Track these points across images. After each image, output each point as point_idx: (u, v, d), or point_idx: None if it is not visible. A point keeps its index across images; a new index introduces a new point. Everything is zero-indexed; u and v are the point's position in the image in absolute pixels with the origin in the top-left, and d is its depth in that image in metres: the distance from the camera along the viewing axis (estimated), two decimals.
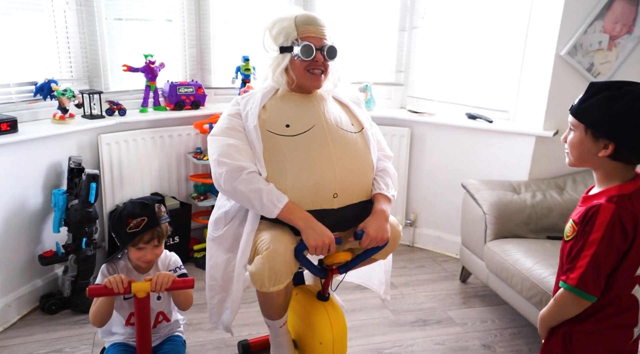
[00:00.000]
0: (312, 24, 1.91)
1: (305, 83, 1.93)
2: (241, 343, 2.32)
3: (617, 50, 2.78)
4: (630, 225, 1.26)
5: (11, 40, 2.59)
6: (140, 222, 1.72)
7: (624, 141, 1.26)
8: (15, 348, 2.33)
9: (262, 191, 1.75)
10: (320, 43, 1.90)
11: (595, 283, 1.28)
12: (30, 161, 2.53)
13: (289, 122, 1.87)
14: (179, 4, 3.18)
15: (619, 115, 1.25)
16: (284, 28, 1.90)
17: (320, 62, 1.91)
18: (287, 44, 1.90)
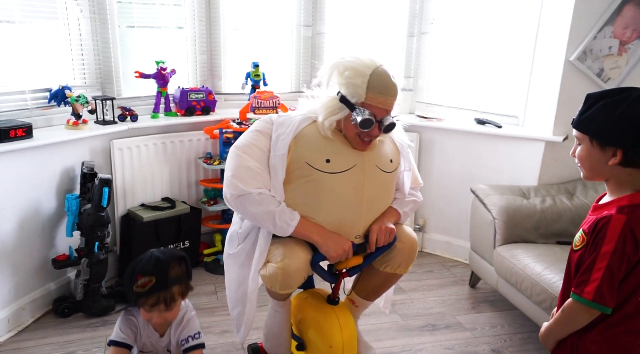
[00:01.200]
0: (384, 93, 1.75)
1: (353, 145, 1.86)
2: (251, 346, 2.32)
3: (628, 55, 2.77)
4: None
5: (26, 48, 2.61)
6: (146, 283, 1.59)
7: (630, 145, 1.25)
8: (29, 350, 2.35)
9: (274, 212, 1.75)
10: (382, 115, 1.79)
11: (611, 295, 1.27)
12: (45, 166, 2.56)
13: (329, 157, 1.81)
14: (190, 11, 3.20)
15: (620, 120, 1.25)
16: (355, 85, 1.75)
17: (375, 134, 1.82)
18: (351, 100, 1.77)
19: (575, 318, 1.34)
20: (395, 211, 1.97)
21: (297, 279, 1.78)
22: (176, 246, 3.04)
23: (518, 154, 3.01)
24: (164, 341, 1.80)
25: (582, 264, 1.32)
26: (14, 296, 2.49)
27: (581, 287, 1.29)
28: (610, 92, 1.29)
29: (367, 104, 1.75)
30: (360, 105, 1.76)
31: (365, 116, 1.73)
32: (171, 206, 3.02)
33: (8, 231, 2.42)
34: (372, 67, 1.75)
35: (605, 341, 1.34)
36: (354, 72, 1.75)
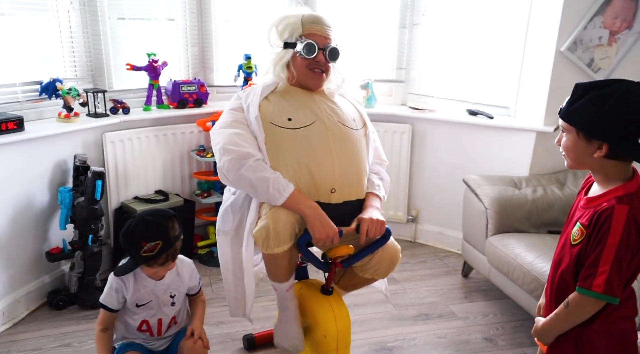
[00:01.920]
0: (318, 22, 1.94)
1: (306, 81, 1.97)
2: (246, 336, 2.35)
3: (617, 45, 2.79)
4: None
5: (16, 40, 2.61)
6: (154, 247, 1.68)
7: (616, 140, 1.26)
8: (24, 342, 2.37)
9: (269, 179, 1.78)
10: (324, 42, 1.93)
11: (620, 285, 1.28)
12: (37, 159, 2.56)
13: (290, 115, 1.90)
14: (181, 3, 3.20)
15: (608, 115, 1.25)
16: (290, 24, 1.93)
17: (321, 62, 1.94)
18: (292, 40, 1.93)
19: (582, 311, 1.33)
20: (377, 196, 1.99)
21: (286, 231, 1.79)
22: None
23: (509, 144, 3.04)
24: (164, 283, 1.83)
25: (584, 258, 1.32)
26: (8, 289, 2.50)
27: (589, 281, 1.29)
28: (599, 84, 1.28)
29: (307, 35, 1.92)
30: (300, 38, 1.92)
31: (307, 41, 1.90)
32: (165, 199, 3.03)
33: (1, 225, 2.42)
34: (304, 11, 1.98)
35: (606, 329, 1.35)
36: (287, 19, 1.96)
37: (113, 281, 1.77)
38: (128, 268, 1.76)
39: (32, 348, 2.32)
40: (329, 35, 1.95)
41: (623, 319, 1.37)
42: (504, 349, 2.37)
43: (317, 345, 1.99)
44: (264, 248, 1.81)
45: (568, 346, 1.39)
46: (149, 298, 1.80)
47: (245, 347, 2.34)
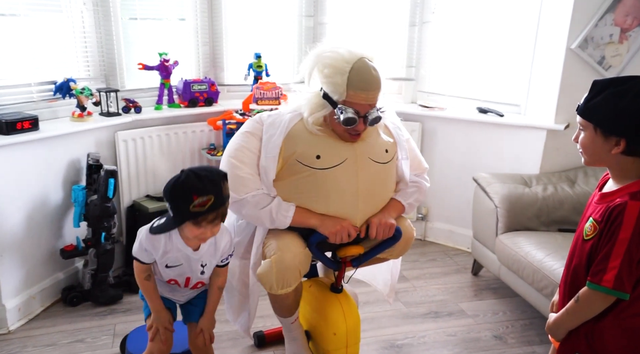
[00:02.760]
0: (365, 88, 1.74)
1: (342, 138, 1.85)
2: (256, 334, 2.38)
3: (629, 43, 2.78)
4: None
5: (31, 41, 2.64)
6: (206, 201, 1.58)
7: (634, 135, 1.27)
8: (39, 338, 2.41)
9: (271, 208, 1.78)
10: (366, 110, 1.77)
11: (630, 281, 1.29)
12: (51, 158, 2.60)
13: (320, 153, 1.81)
14: (192, 3, 3.23)
15: (626, 111, 1.26)
16: (335, 84, 1.74)
17: (361, 129, 1.80)
18: (333, 97, 1.77)
19: (592, 307, 1.34)
20: (399, 203, 1.97)
21: (291, 274, 1.79)
22: None
23: (520, 142, 3.04)
24: (198, 255, 1.77)
25: (595, 253, 1.32)
26: (23, 286, 2.55)
27: (599, 276, 1.30)
28: (617, 81, 1.29)
29: (349, 102, 1.74)
30: (343, 103, 1.74)
31: (348, 115, 1.73)
32: None
33: (17, 222, 2.46)
34: (351, 62, 1.73)
35: (618, 325, 1.35)
36: (333, 70, 1.74)
37: (143, 240, 1.71)
38: (166, 227, 1.68)
39: (46, 344, 2.36)
40: (375, 101, 1.78)
41: (636, 315, 1.36)
42: (514, 347, 2.38)
43: (326, 343, 2.01)
44: (267, 289, 1.82)
45: (579, 341, 1.40)
46: (179, 262, 1.75)
47: (255, 344, 2.36)
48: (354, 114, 1.74)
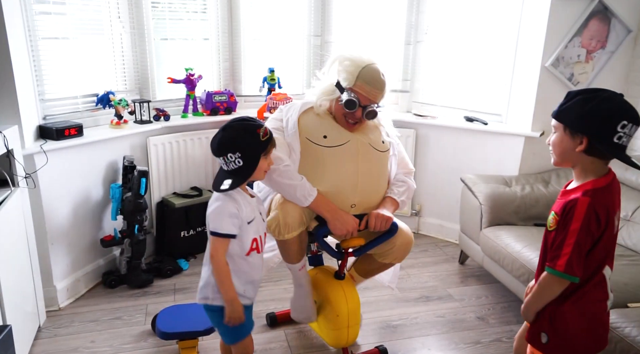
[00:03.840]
0: (371, 83, 1.85)
1: (340, 123, 1.95)
2: (269, 314, 2.42)
3: (593, 62, 2.84)
4: (603, 215, 1.31)
5: (77, 60, 2.71)
6: (266, 131, 1.60)
7: (594, 134, 1.31)
8: (84, 315, 2.51)
9: (296, 186, 1.82)
10: (366, 102, 1.87)
11: (579, 266, 1.33)
12: (93, 160, 2.66)
13: (326, 133, 1.91)
14: (214, 25, 3.27)
15: (590, 113, 1.30)
16: (349, 72, 1.86)
17: (357, 116, 1.89)
18: (343, 84, 1.88)
19: (550, 289, 1.38)
20: (394, 200, 2.02)
21: (294, 221, 1.85)
22: (203, 229, 3.13)
23: (501, 147, 3.06)
24: (255, 202, 1.73)
25: (556, 242, 1.37)
26: (71, 270, 2.63)
27: (554, 261, 1.35)
28: (586, 90, 1.36)
29: (355, 90, 1.86)
30: (349, 89, 1.86)
31: (350, 97, 1.84)
32: (199, 194, 3.11)
33: (65, 216, 2.54)
34: (368, 62, 1.87)
35: (578, 309, 1.40)
36: (352, 63, 1.87)
37: (226, 206, 1.59)
38: (245, 175, 1.60)
39: (90, 320, 2.45)
40: (376, 99, 1.88)
41: (594, 302, 1.41)
42: (494, 326, 2.43)
43: (330, 323, 2.06)
44: (275, 235, 1.88)
45: (545, 322, 1.44)
46: (253, 215, 1.68)
47: (267, 324, 2.42)
48: (356, 98, 1.85)
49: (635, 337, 1.73)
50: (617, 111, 1.30)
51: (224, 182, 1.58)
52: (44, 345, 2.27)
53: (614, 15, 2.78)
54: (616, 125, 1.29)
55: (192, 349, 2.13)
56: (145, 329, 2.39)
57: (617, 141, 1.30)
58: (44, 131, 2.49)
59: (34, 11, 2.44)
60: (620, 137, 1.30)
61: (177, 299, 2.66)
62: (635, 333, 1.74)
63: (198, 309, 2.16)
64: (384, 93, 1.91)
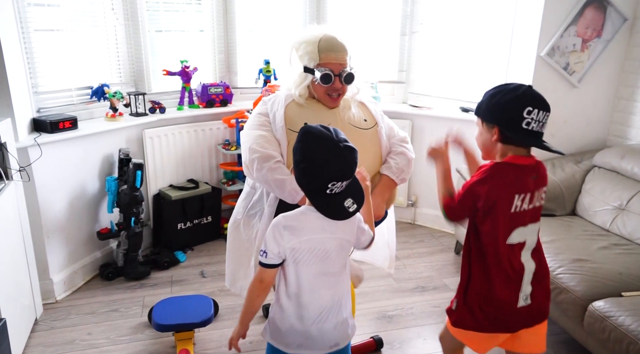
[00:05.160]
0: (333, 50, 1.85)
1: (325, 103, 1.94)
2: (265, 306, 2.42)
3: (589, 51, 2.82)
4: (490, 180, 1.41)
5: (71, 52, 2.70)
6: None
7: (503, 123, 1.40)
8: (81, 307, 2.51)
9: (286, 181, 1.79)
10: (339, 69, 1.86)
11: (459, 211, 1.47)
12: (88, 153, 2.66)
13: (307, 121, 1.87)
14: (209, 17, 3.26)
15: (497, 103, 1.41)
16: (308, 52, 1.87)
17: (338, 87, 1.88)
18: (310, 66, 1.87)
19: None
20: (392, 181, 1.96)
21: None
22: (200, 221, 3.14)
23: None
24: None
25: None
26: (68, 262, 2.63)
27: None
28: (496, 86, 1.45)
29: (323, 64, 1.85)
30: (318, 66, 1.86)
31: (323, 71, 1.84)
32: (195, 187, 3.11)
33: (60, 209, 2.54)
34: (320, 34, 1.87)
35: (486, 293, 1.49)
36: (306, 44, 1.87)
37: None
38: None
39: (87, 312, 2.45)
40: (345, 61, 1.87)
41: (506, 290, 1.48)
42: None
43: None
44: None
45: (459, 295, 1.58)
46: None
47: (264, 315, 2.42)
48: (329, 71, 1.84)
49: (628, 326, 1.73)
50: (521, 98, 1.37)
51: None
52: (41, 338, 2.27)
53: (609, 3, 2.76)
54: (521, 111, 1.36)
55: (189, 341, 2.13)
56: (142, 321, 2.39)
57: (526, 126, 1.36)
58: (38, 124, 2.47)
59: (26, 3, 2.42)
60: (528, 122, 1.36)
61: (174, 291, 2.66)
62: (628, 321, 1.74)
63: (194, 301, 2.20)
64: (348, 53, 1.90)
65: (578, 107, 2.95)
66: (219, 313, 2.45)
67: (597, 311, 1.85)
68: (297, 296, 1.38)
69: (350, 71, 1.89)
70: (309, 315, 1.38)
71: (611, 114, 3.02)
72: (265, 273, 1.37)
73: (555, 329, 2.33)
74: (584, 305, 1.92)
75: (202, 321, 2.08)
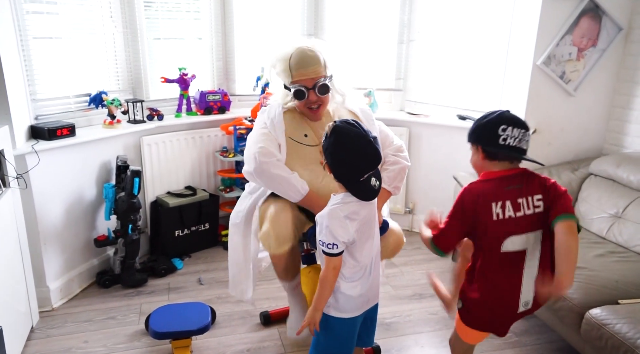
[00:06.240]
0: (303, 66, 1.88)
1: (307, 116, 1.99)
2: (262, 313, 2.42)
3: (585, 60, 2.84)
4: (469, 199, 1.52)
5: (69, 59, 2.70)
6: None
7: (483, 141, 1.54)
8: (77, 315, 2.49)
9: (290, 178, 1.84)
10: (312, 83, 1.89)
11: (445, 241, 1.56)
12: (86, 160, 2.65)
13: (306, 132, 1.95)
14: (208, 24, 3.26)
15: (477, 126, 1.56)
16: (282, 71, 1.92)
17: (314, 100, 1.92)
18: (287, 84, 1.94)
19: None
20: (385, 190, 2.00)
21: (286, 233, 1.86)
22: (197, 228, 3.14)
23: None
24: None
25: None
26: (64, 270, 2.61)
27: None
28: (483, 115, 1.59)
29: (296, 81, 1.90)
30: (292, 83, 1.91)
31: (295, 88, 1.89)
32: (193, 194, 3.11)
33: (57, 216, 2.53)
34: (291, 50, 1.90)
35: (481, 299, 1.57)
36: (279, 63, 1.92)
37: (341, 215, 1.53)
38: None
39: (84, 320, 2.43)
40: (317, 73, 1.89)
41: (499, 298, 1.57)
42: None
43: None
44: (267, 249, 1.90)
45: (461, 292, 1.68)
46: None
47: (261, 322, 2.42)
48: (301, 87, 1.89)
49: (625, 333, 1.73)
50: (496, 118, 1.53)
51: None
52: (37, 346, 2.26)
53: (604, 13, 2.78)
54: (496, 129, 1.51)
55: (186, 348, 2.12)
56: (139, 328, 2.38)
57: (502, 142, 1.51)
58: (35, 131, 2.47)
59: (25, 11, 2.43)
60: (504, 139, 1.51)
61: (172, 298, 2.65)
62: (625, 329, 1.74)
63: (191, 309, 2.20)
64: (321, 64, 1.91)
65: (574, 115, 2.97)
66: (217, 320, 2.44)
67: (594, 318, 1.85)
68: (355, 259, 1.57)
69: (323, 82, 1.91)
70: (366, 266, 1.60)
71: (607, 122, 3.04)
72: (336, 261, 1.54)
73: (552, 337, 2.33)
74: (581, 313, 1.92)
75: (199, 329, 2.08)
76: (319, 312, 1.59)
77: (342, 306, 1.60)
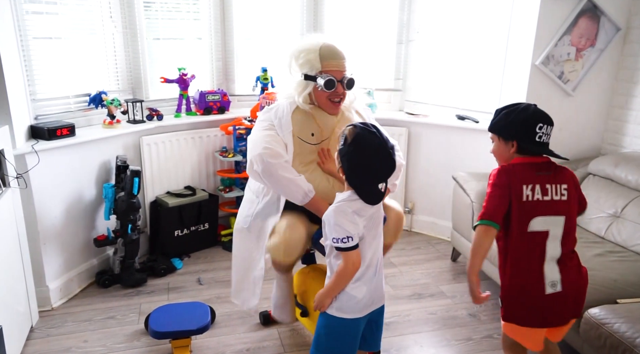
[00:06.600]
0: (334, 57, 1.93)
1: (326, 109, 1.99)
2: (262, 313, 2.42)
3: (583, 60, 2.85)
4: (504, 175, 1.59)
5: (69, 59, 2.70)
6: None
7: (521, 138, 1.60)
8: (77, 314, 2.49)
9: (297, 180, 1.85)
10: (340, 75, 1.94)
11: (496, 213, 1.56)
12: (85, 160, 2.66)
13: (313, 131, 1.97)
14: (207, 25, 3.27)
15: (513, 122, 1.61)
16: (309, 60, 1.93)
17: (340, 92, 1.95)
18: (312, 73, 1.94)
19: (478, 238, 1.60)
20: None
21: (298, 247, 1.88)
22: (197, 228, 3.14)
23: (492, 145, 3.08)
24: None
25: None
26: (64, 270, 2.61)
27: (479, 214, 1.62)
28: (509, 105, 1.65)
29: (325, 71, 1.92)
30: (320, 73, 1.93)
31: (327, 77, 1.91)
32: (192, 193, 3.11)
33: (57, 216, 2.53)
34: (320, 42, 1.95)
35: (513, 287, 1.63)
36: (306, 53, 1.94)
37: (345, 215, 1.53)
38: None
39: (83, 319, 2.44)
40: (345, 67, 1.95)
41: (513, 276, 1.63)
42: (486, 323, 2.45)
43: None
44: (274, 257, 1.91)
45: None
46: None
47: (260, 322, 2.43)
48: (332, 77, 1.91)
49: (624, 333, 1.73)
50: (533, 116, 1.59)
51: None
52: (37, 345, 2.26)
53: (603, 13, 2.79)
54: (534, 127, 1.58)
55: (185, 348, 2.12)
56: (139, 328, 2.38)
57: (538, 140, 1.59)
58: (35, 131, 2.47)
59: (25, 11, 2.43)
60: (540, 136, 1.59)
61: (171, 298, 2.65)
62: (624, 328, 1.74)
63: (191, 308, 2.19)
64: (347, 60, 1.98)
65: (573, 115, 2.97)
66: (216, 320, 2.44)
67: (592, 318, 1.85)
68: (362, 258, 1.56)
69: (351, 77, 1.96)
70: (372, 266, 1.59)
71: (605, 122, 3.05)
72: (354, 256, 1.52)
73: None
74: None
75: (199, 328, 2.08)
76: (329, 299, 1.59)
77: (345, 306, 1.59)
